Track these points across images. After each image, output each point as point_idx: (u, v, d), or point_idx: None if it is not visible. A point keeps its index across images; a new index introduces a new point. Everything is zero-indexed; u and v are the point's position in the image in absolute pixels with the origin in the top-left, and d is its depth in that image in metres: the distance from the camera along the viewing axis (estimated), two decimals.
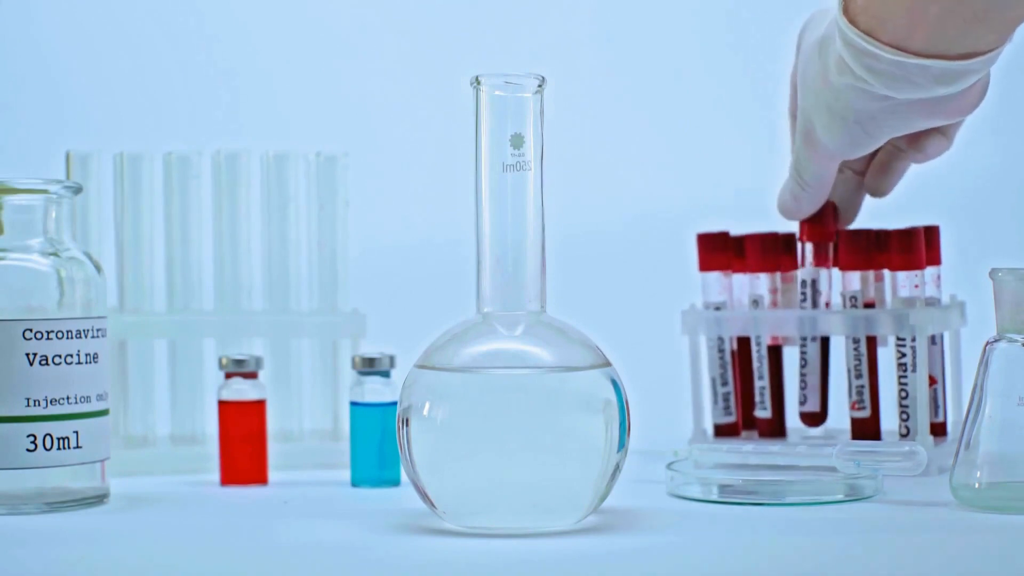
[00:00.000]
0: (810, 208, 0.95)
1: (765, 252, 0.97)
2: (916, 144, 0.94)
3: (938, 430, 0.94)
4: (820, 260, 0.96)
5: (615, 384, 0.74)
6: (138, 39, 1.35)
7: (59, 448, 0.81)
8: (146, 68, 1.35)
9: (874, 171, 0.97)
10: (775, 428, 0.98)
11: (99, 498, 0.85)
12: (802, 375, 0.97)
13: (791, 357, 1.00)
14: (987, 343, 0.80)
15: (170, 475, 0.94)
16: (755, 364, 0.98)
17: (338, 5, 1.38)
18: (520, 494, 0.72)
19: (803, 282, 0.96)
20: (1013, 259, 0.85)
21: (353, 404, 0.91)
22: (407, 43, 1.37)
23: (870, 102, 0.86)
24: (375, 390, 0.91)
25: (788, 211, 0.96)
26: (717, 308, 0.99)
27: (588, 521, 0.75)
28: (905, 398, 0.93)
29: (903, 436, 0.93)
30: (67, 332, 0.82)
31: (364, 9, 1.38)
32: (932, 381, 0.94)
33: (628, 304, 1.29)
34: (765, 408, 0.98)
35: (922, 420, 0.92)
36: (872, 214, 1.00)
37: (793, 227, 0.99)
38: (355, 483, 0.91)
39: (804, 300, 0.96)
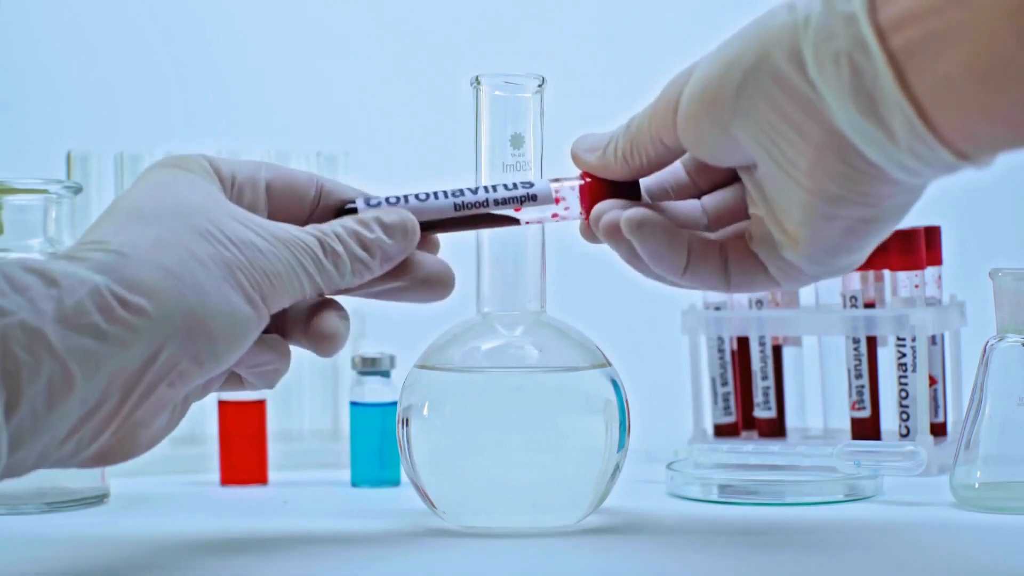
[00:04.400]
0: (621, 163, 0.70)
1: None
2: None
3: (938, 430, 0.94)
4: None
5: (615, 384, 0.74)
6: (138, 39, 1.35)
7: None
8: (146, 68, 1.35)
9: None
10: (775, 428, 0.98)
11: (99, 498, 0.85)
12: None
13: (792, 357, 1.00)
14: (987, 343, 0.80)
15: (170, 475, 0.94)
16: (759, 364, 0.98)
17: (338, 5, 1.38)
18: (520, 494, 0.72)
19: None
20: (1013, 259, 0.85)
21: (353, 404, 0.91)
22: (407, 43, 1.37)
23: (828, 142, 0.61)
24: (375, 390, 0.91)
25: (594, 148, 0.70)
26: (717, 308, 0.99)
27: (588, 521, 0.75)
28: (905, 398, 0.93)
29: (903, 436, 0.93)
30: None
31: (364, 9, 1.38)
32: (932, 381, 0.94)
33: (628, 304, 1.29)
34: (769, 408, 0.98)
35: (922, 420, 0.92)
36: None
37: None
38: (355, 483, 0.91)
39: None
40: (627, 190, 0.70)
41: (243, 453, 0.92)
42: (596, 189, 0.70)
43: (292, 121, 1.34)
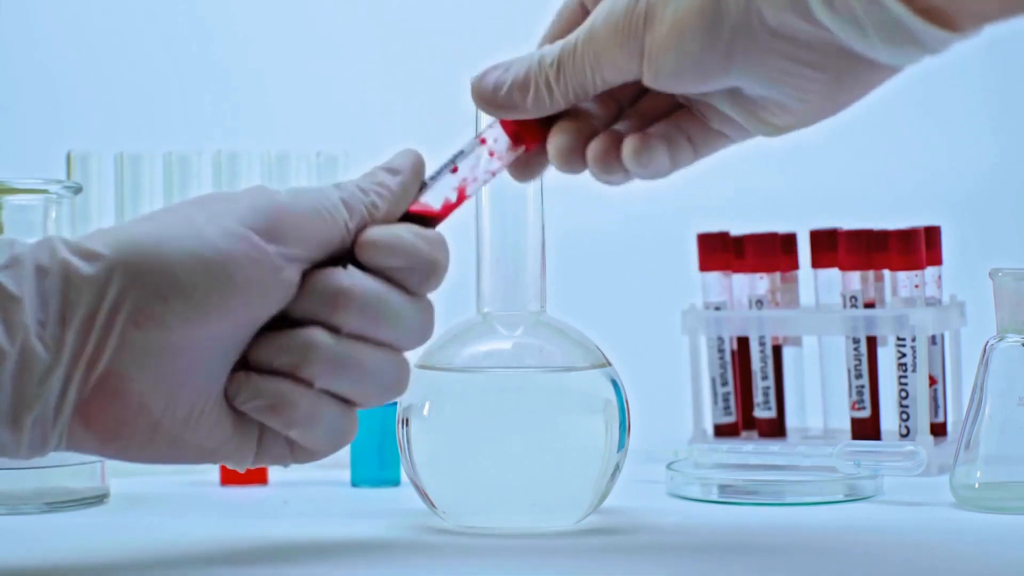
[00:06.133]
0: (562, 99, 0.67)
1: (765, 252, 0.97)
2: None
3: (938, 430, 0.94)
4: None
5: (615, 384, 0.74)
6: (138, 39, 1.35)
7: None
8: (146, 68, 1.35)
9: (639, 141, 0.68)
10: (775, 428, 0.98)
11: (99, 498, 0.85)
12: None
13: (792, 357, 1.00)
14: (987, 343, 0.80)
15: (170, 475, 0.94)
16: (759, 364, 0.98)
17: (338, 5, 1.38)
18: (520, 494, 0.72)
19: None
20: (1013, 259, 0.85)
21: None
22: (407, 43, 1.37)
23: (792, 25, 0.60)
24: None
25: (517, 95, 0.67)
26: (717, 308, 0.99)
27: (588, 521, 0.75)
28: (905, 398, 0.93)
29: (903, 436, 0.93)
30: None
31: (364, 9, 1.38)
32: (932, 381, 0.94)
33: (628, 304, 1.29)
34: (769, 408, 0.98)
35: (922, 420, 0.92)
36: (872, 214, 0.99)
37: (794, 227, 0.99)
38: (355, 483, 0.91)
39: None
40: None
41: None
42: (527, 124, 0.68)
43: (292, 121, 1.34)
